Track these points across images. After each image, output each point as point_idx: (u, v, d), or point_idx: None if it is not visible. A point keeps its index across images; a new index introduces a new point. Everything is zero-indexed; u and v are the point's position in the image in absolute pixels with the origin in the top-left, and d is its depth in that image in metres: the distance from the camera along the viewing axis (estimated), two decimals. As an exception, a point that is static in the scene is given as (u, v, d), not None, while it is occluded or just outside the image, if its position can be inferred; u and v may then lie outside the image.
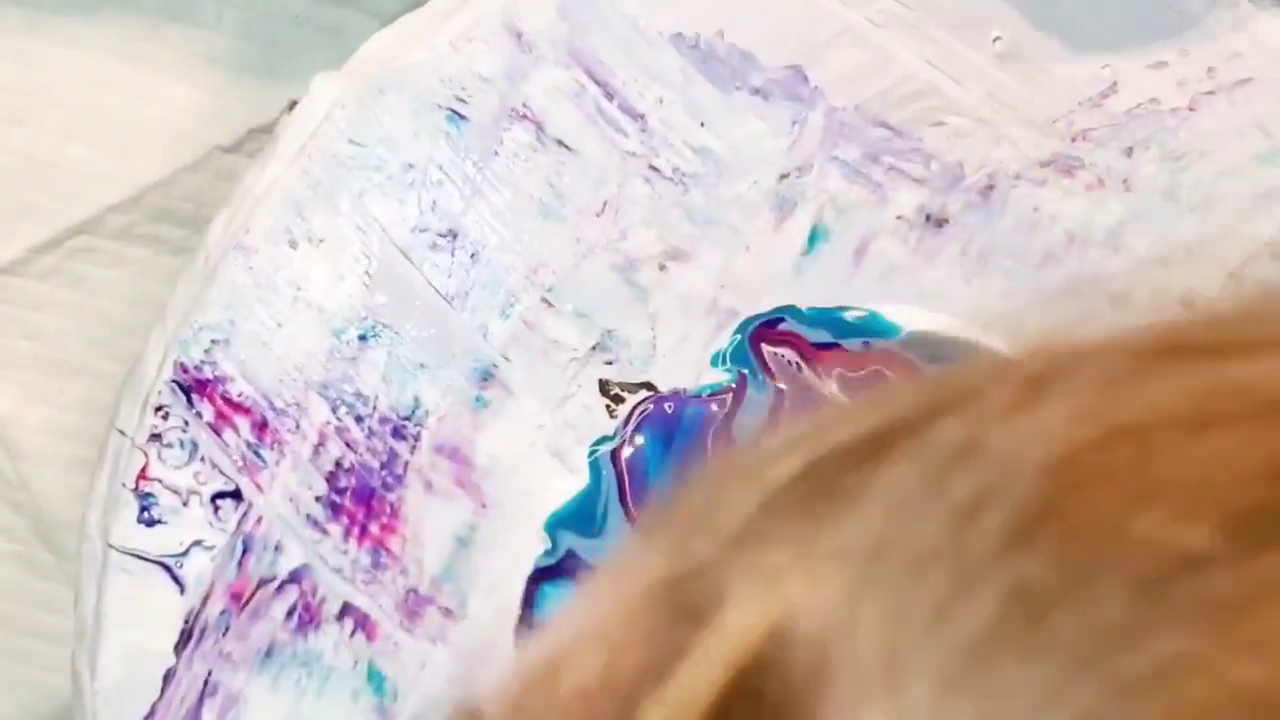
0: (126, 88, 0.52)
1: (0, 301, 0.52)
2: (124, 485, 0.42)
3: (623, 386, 0.43)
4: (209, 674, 0.43)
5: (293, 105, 0.44)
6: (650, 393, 0.43)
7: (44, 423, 0.52)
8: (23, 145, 0.51)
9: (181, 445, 0.42)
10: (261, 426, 0.42)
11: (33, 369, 0.52)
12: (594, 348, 0.43)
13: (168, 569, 0.42)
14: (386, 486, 0.43)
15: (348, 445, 0.43)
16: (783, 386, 0.43)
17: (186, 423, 0.42)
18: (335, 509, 0.43)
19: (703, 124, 0.43)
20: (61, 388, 0.52)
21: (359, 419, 0.43)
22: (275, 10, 0.51)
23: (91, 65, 0.52)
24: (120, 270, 0.51)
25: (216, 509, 0.42)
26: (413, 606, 0.43)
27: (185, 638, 0.43)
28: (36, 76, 0.52)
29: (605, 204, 0.43)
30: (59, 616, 0.50)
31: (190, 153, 0.51)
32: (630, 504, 0.43)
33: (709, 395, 0.43)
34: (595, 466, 0.43)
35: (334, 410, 0.42)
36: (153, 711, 0.43)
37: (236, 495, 0.42)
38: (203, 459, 0.42)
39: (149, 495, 0.42)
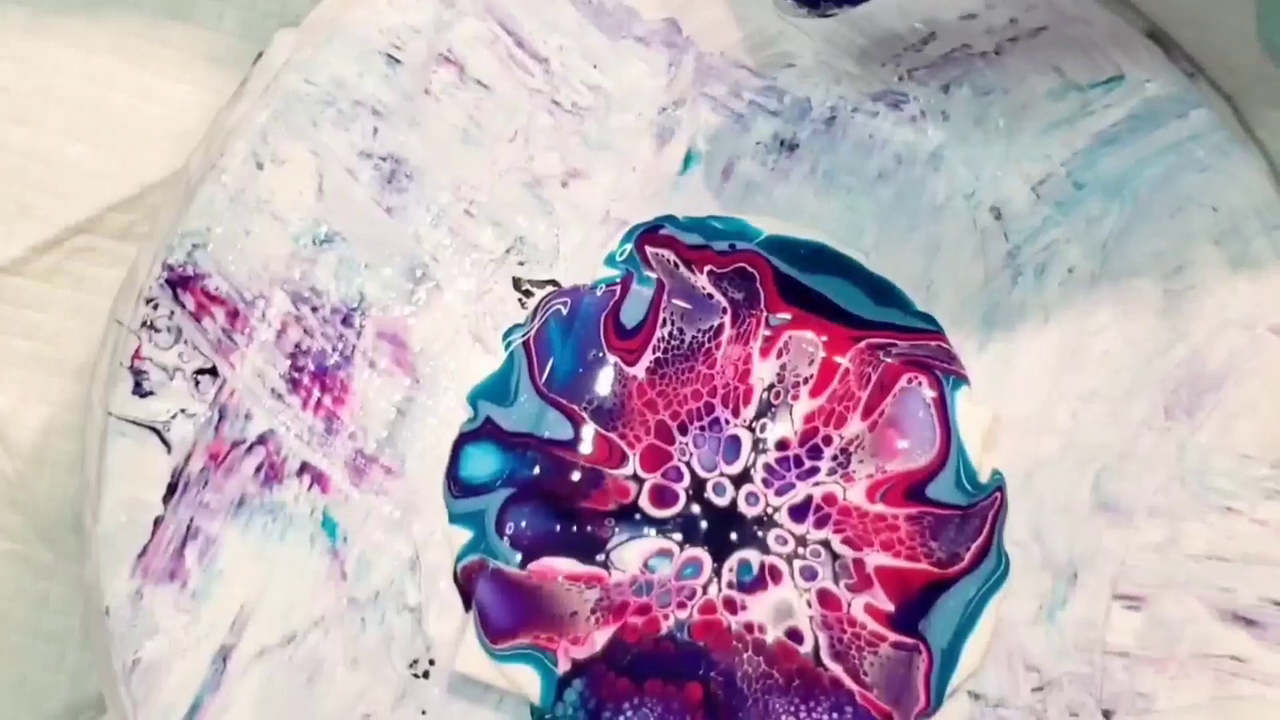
0: (127, 87, 0.53)
1: (0, 300, 0.53)
2: (121, 364, 0.48)
3: (531, 283, 0.51)
4: (191, 520, 0.48)
5: (259, 57, 0.51)
6: (554, 288, 0.50)
7: (44, 422, 0.53)
8: (23, 144, 0.52)
9: (168, 331, 0.48)
10: (234, 315, 0.49)
11: (33, 368, 0.53)
12: (508, 250, 0.50)
13: (157, 432, 0.48)
14: (337, 366, 0.50)
15: (305, 331, 0.49)
16: (663, 280, 0.51)
17: (172, 312, 0.48)
18: (294, 384, 0.49)
19: (595, 66, 0.50)
20: (62, 387, 0.53)
21: (314, 309, 0.50)
22: (276, 10, 0.54)
23: (92, 65, 0.53)
24: (121, 269, 0.52)
25: (197, 383, 0.48)
26: (360, 465, 0.49)
27: (171, 490, 0.48)
28: (37, 76, 0.52)
29: (516, 132, 0.50)
30: (58, 615, 0.53)
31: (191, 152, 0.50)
32: (536, 378, 0.51)
33: (602, 289, 0.51)
34: (509, 348, 0.51)
35: (294, 302, 0.49)
36: (144, 551, 0.48)
37: (213, 372, 0.48)
38: (185, 342, 0.48)
39: (142, 372, 0.48)
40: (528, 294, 0.50)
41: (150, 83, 0.53)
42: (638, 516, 0.50)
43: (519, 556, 0.49)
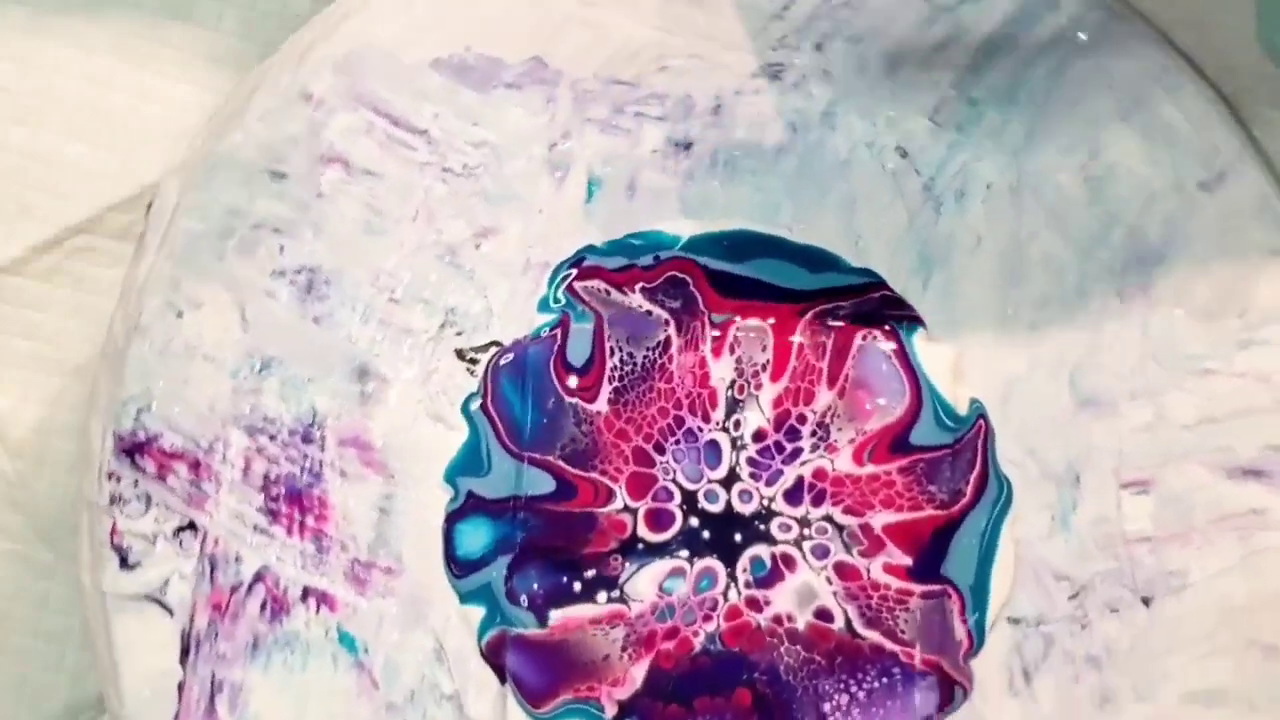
0: (127, 87, 0.52)
1: (0, 300, 0.52)
2: (102, 544, 0.48)
3: (474, 349, 0.51)
4: (212, 675, 0.48)
5: (150, 206, 0.51)
6: (497, 347, 0.50)
7: (44, 422, 0.53)
8: (23, 144, 0.52)
9: (137, 499, 0.48)
10: (195, 465, 0.49)
11: (33, 368, 0.53)
12: (442, 326, 0.50)
13: (156, 600, 0.48)
14: (310, 485, 0.50)
15: (269, 460, 0.49)
16: (598, 310, 0.51)
17: (136, 480, 0.48)
18: (274, 514, 0.49)
19: (474, 123, 0.50)
20: (62, 387, 0.53)
21: (272, 437, 0.50)
22: (276, 10, 0.53)
23: (92, 65, 0.52)
24: (121, 270, 0.51)
25: (180, 542, 0.48)
26: (359, 574, 0.49)
27: (185, 652, 0.48)
28: (37, 76, 0.52)
29: (416, 209, 0.50)
30: (58, 616, 0.53)
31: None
32: (505, 440, 0.51)
33: (544, 335, 0.51)
34: (470, 419, 0.50)
35: (250, 435, 0.49)
36: (176, 718, 0.48)
37: (192, 527, 0.48)
38: (157, 505, 0.48)
39: (124, 547, 0.48)
40: (473, 361, 0.50)
41: (150, 82, 0.53)
42: (641, 546, 0.50)
43: (537, 617, 0.49)
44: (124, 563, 0.49)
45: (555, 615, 0.49)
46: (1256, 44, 0.45)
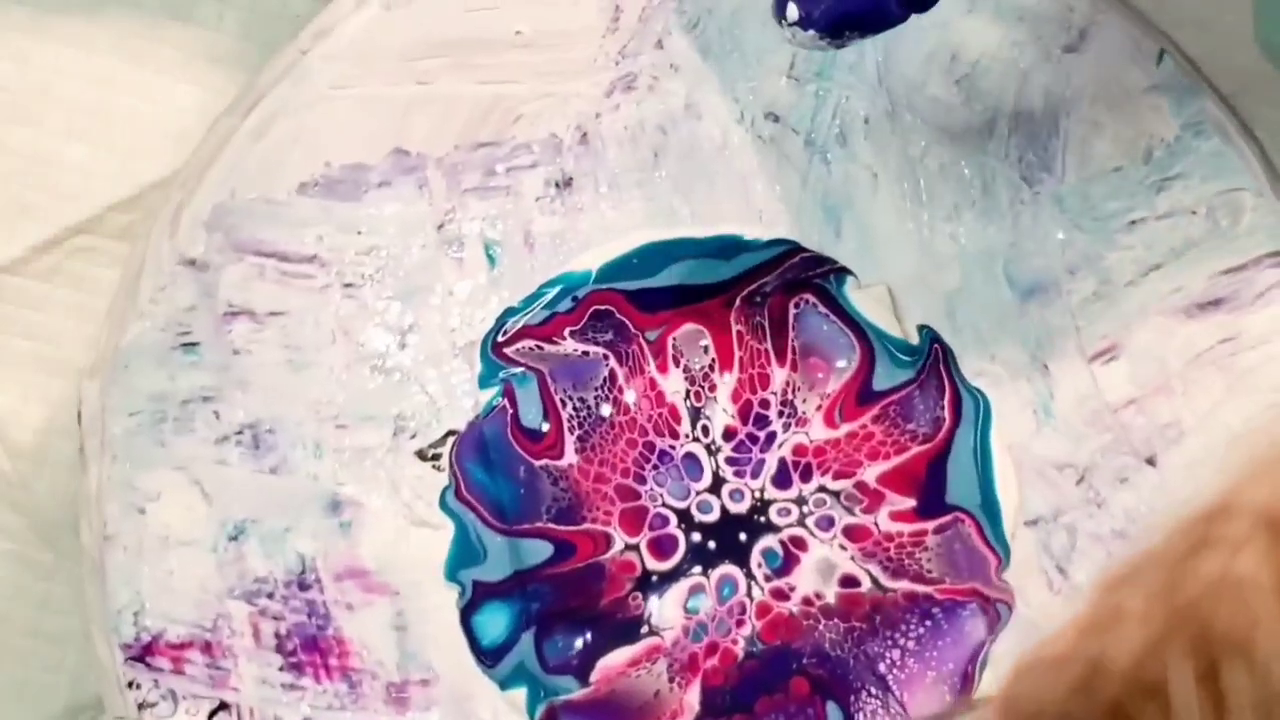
0: (128, 87, 0.52)
1: (1, 300, 0.52)
2: None
3: (432, 445, 0.51)
4: None
5: (80, 417, 0.51)
6: (454, 436, 0.51)
7: (44, 422, 0.52)
8: (24, 145, 0.52)
9: (164, 698, 0.48)
10: (208, 648, 0.49)
11: (33, 368, 0.52)
12: (395, 434, 0.50)
13: None
14: (321, 628, 0.50)
15: (275, 618, 0.49)
16: (536, 368, 0.51)
17: (156, 681, 0.48)
18: (298, 667, 0.49)
19: (359, 232, 0.50)
20: (62, 387, 0.52)
21: (270, 595, 0.50)
22: (276, 10, 0.53)
23: (93, 65, 0.52)
24: (121, 270, 0.51)
25: None
26: (397, 695, 0.49)
27: None
28: (38, 76, 0.52)
29: (332, 333, 0.50)
30: (58, 616, 0.52)
31: (191, 152, 0.50)
32: (491, 522, 0.51)
33: (494, 410, 0.51)
34: (451, 513, 0.50)
35: (249, 602, 0.49)
36: None
37: (224, 706, 0.48)
38: (183, 697, 0.48)
39: None
40: (436, 457, 0.50)
41: (151, 83, 0.53)
42: (655, 578, 0.50)
43: (578, 679, 0.49)
44: (172, 762, 0.49)
45: (595, 670, 0.49)
46: (1254, 44, 0.46)
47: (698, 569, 0.50)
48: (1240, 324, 0.50)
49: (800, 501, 0.50)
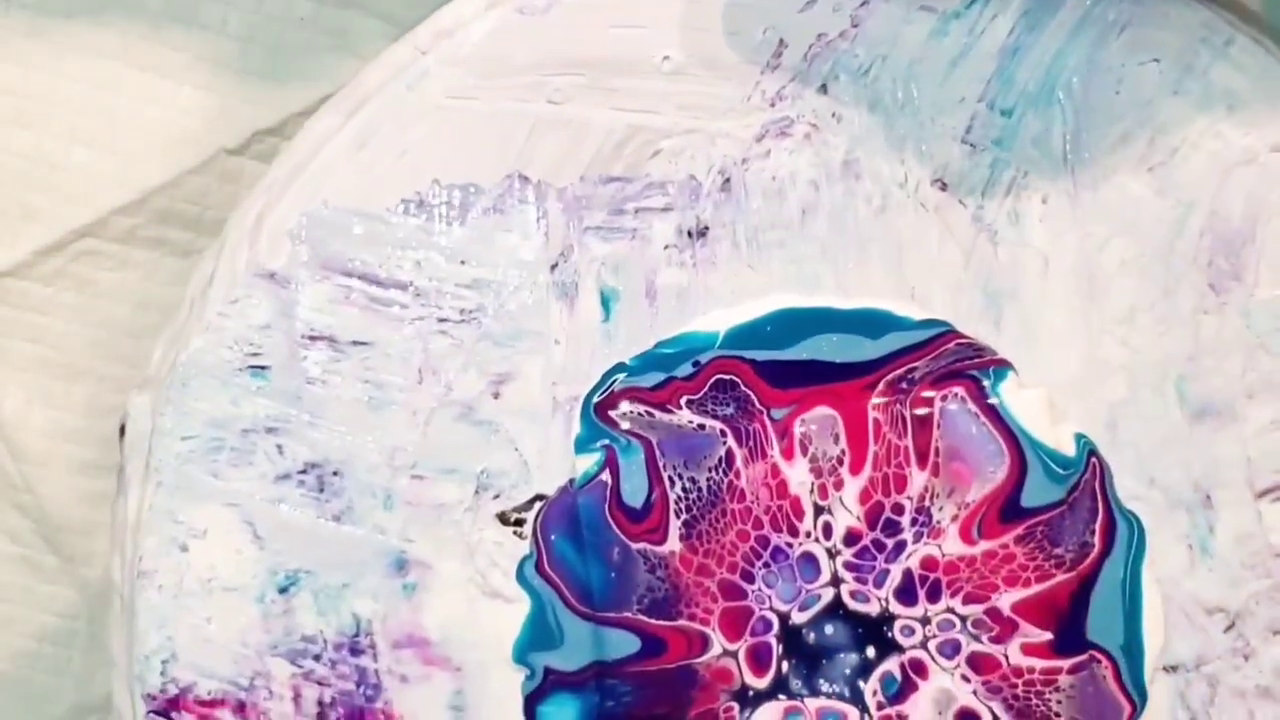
0: (131, 90, 0.52)
1: (4, 304, 0.52)
2: None
3: (517, 509, 0.45)
4: None
5: (122, 429, 0.46)
6: (542, 502, 0.46)
7: (48, 425, 0.52)
8: (27, 148, 0.51)
9: None
10: (241, 709, 0.44)
11: (37, 371, 0.52)
12: (476, 492, 0.45)
13: None
14: (370, 699, 0.45)
15: (319, 684, 0.45)
16: (644, 436, 0.45)
17: None
18: (339, 741, 0.45)
19: (463, 262, 0.45)
20: (66, 390, 0.52)
21: (317, 658, 0.45)
22: (280, 13, 0.52)
23: (96, 68, 0.52)
24: (125, 273, 0.51)
25: None
26: None
27: None
28: (41, 79, 0.51)
29: (420, 371, 0.45)
30: (63, 619, 0.52)
31: (195, 155, 0.51)
32: (574, 604, 0.45)
33: (591, 479, 0.45)
34: (529, 587, 0.45)
35: (293, 662, 0.45)
36: None
37: None
38: None
39: None
40: (519, 523, 0.45)
41: (154, 86, 0.52)
42: (752, 693, 0.44)
43: (654, 795, 0.44)
44: (186, 832, 0.43)
45: (672, 784, 0.44)
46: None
47: (800, 686, 0.44)
48: None
49: (925, 621, 0.44)
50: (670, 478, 0.44)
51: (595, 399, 0.45)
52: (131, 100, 0.52)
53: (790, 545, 0.44)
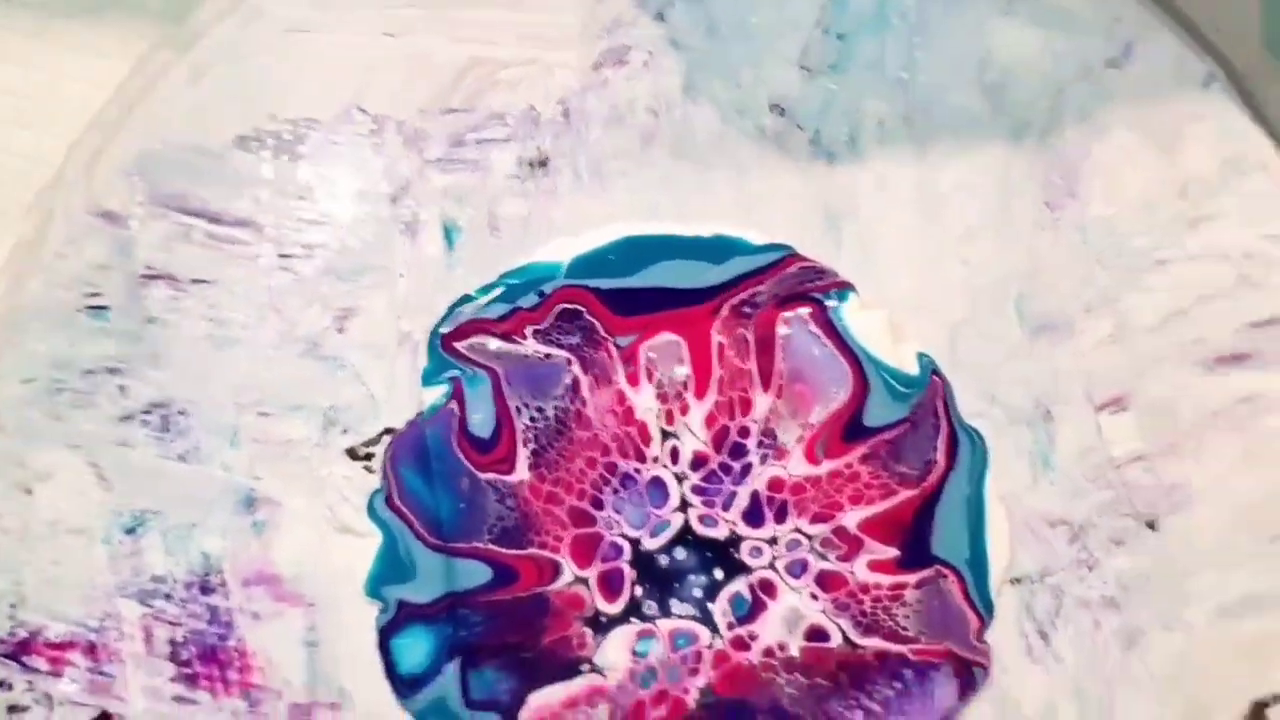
0: None
1: None
2: None
3: (366, 444, 0.45)
4: None
5: None
6: (390, 435, 0.45)
7: None
8: (27, 147, 0.51)
9: (37, 703, 0.44)
10: (92, 650, 0.44)
11: None
12: (324, 428, 0.45)
13: None
14: (222, 638, 0.45)
15: (171, 623, 0.44)
16: (491, 367, 0.45)
17: (30, 683, 0.43)
18: (192, 680, 0.44)
19: (301, 197, 0.45)
20: None
21: (167, 597, 0.45)
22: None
23: (96, 68, 0.51)
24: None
25: None
26: (301, 718, 0.45)
27: None
28: (42, 79, 0.51)
29: (263, 308, 0.45)
30: None
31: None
32: (424, 536, 0.45)
33: (439, 411, 0.45)
34: (380, 521, 0.45)
35: (143, 602, 0.44)
36: None
37: (106, 717, 0.44)
38: (59, 703, 0.44)
39: None
40: (368, 457, 0.45)
41: None
42: (604, 619, 0.44)
43: (505, 719, 0.44)
44: (41, 776, 0.43)
45: (526, 708, 0.44)
46: (1260, 44, 0.44)
47: (653, 608, 0.45)
48: (1264, 384, 0.46)
49: (772, 542, 0.45)
50: (517, 407, 0.45)
51: (441, 331, 0.45)
52: (132, 100, 0.50)
53: (638, 471, 0.45)
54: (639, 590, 0.45)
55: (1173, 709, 0.46)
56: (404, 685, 0.44)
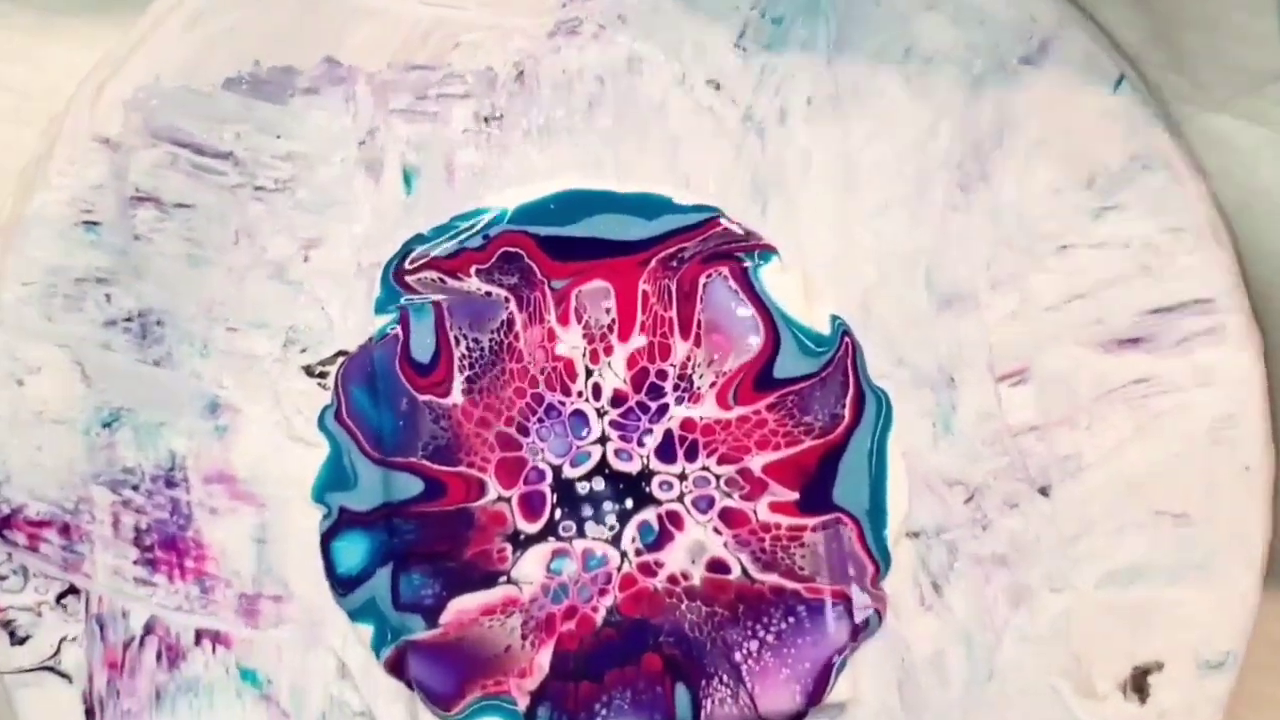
0: None
1: None
2: None
3: (321, 363, 0.50)
4: None
5: None
6: (344, 356, 0.50)
7: None
8: (31, 145, 0.51)
9: (15, 574, 0.48)
10: (66, 530, 0.48)
11: None
12: (285, 345, 0.50)
13: (51, 669, 0.48)
14: (181, 528, 0.49)
15: (137, 511, 0.49)
16: (436, 299, 0.50)
17: (9, 555, 0.48)
18: (152, 564, 0.49)
19: (278, 136, 0.50)
20: None
21: (135, 487, 0.49)
22: None
23: None
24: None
25: (65, 607, 0.48)
26: (247, 607, 0.49)
27: (90, 714, 0.48)
28: (44, 78, 0.52)
29: (236, 233, 0.50)
30: None
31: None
32: (367, 449, 0.50)
33: (387, 336, 0.50)
34: (329, 434, 0.50)
35: (113, 490, 0.49)
36: None
37: (74, 590, 0.48)
38: (34, 575, 0.48)
39: (9, 622, 0.48)
40: (323, 375, 0.49)
41: None
42: (524, 536, 0.49)
43: (426, 620, 0.48)
44: (14, 638, 0.48)
45: (446, 612, 0.48)
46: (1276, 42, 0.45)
47: (569, 530, 0.49)
48: (1157, 367, 0.49)
49: (682, 478, 0.49)
50: (456, 337, 0.49)
51: (395, 265, 0.49)
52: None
53: (563, 403, 0.49)
54: (558, 513, 0.49)
55: (1056, 663, 0.49)
56: (341, 584, 0.49)
